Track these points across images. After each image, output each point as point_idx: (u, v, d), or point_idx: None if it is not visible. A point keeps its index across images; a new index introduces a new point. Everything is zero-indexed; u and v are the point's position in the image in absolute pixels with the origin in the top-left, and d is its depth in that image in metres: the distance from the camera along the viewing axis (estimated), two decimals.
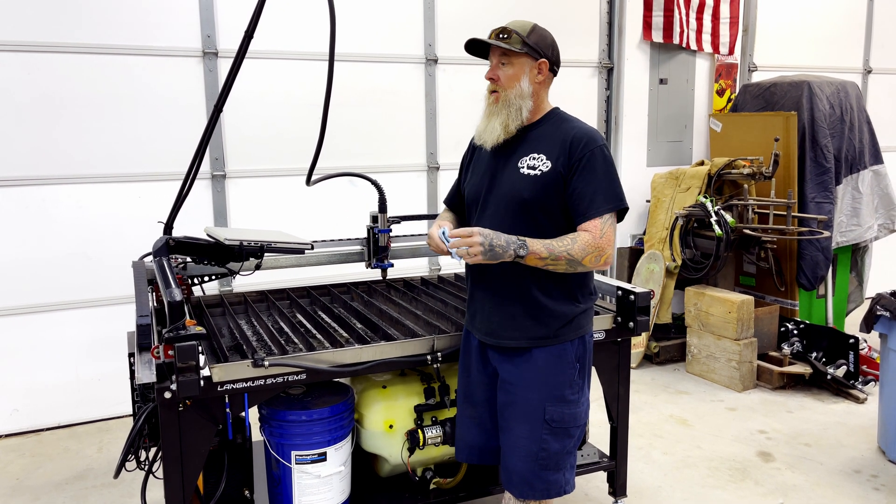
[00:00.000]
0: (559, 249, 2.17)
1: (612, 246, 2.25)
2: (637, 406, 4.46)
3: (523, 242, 2.16)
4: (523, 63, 2.28)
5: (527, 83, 2.29)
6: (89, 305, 4.22)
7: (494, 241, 2.13)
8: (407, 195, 5.02)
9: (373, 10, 4.74)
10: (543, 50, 2.30)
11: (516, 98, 2.28)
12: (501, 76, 2.29)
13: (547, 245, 2.17)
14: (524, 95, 2.29)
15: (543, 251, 2.16)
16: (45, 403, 4.19)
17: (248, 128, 4.49)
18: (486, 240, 2.12)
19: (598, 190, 2.22)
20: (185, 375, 2.15)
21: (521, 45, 2.26)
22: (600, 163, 2.23)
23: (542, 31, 2.33)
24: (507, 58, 2.28)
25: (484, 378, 2.45)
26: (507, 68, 2.29)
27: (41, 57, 3.97)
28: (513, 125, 2.29)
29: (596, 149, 2.23)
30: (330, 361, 2.43)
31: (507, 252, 2.14)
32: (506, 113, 2.29)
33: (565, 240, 2.20)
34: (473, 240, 2.12)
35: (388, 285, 3.43)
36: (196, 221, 4.35)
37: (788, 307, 5.22)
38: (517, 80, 2.28)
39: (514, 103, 2.28)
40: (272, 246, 2.52)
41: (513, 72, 2.28)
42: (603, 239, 2.20)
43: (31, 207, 4.05)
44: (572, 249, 2.18)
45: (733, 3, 5.92)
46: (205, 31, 4.29)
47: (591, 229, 2.21)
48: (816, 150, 5.16)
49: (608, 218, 2.23)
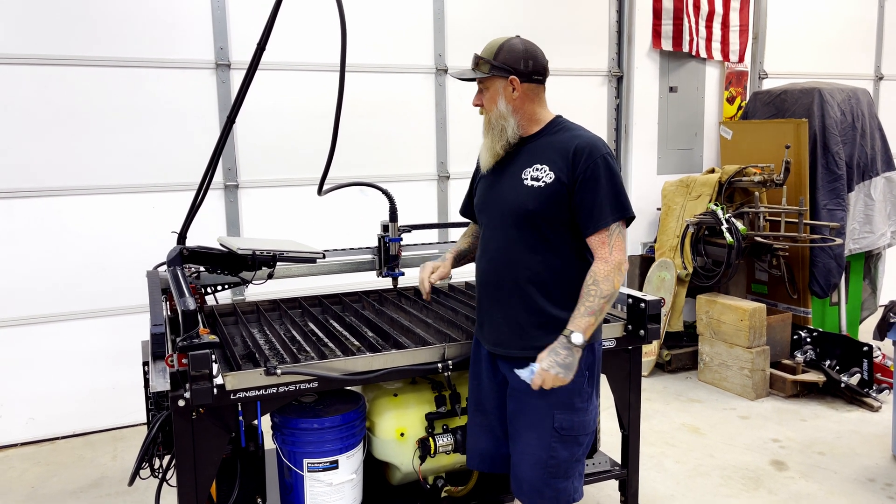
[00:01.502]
0: (596, 304, 2.20)
1: (624, 254, 2.27)
2: (649, 414, 4.45)
3: (570, 333, 2.19)
4: (496, 84, 2.32)
5: (503, 103, 2.32)
6: (104, 315, 4.26)
7: (560, 361, 2.18)
8: (418, 204, 5.04)
9: (383, 21, 4.78)
10: (512, 65, 2.30)
11: (497, 120, 2.34)
12: (483, 101, 2.37)
13: (587, 311, 2.20)
14: (504, 115, 2.33)
15: (590, 319, 2.20)
16: (61, 412, 4.23)
17: (260, 138, 4.54)
18: (556, 368, 2.18)
19: (603, 201, 2.22)
20: (199, 384, 2.17)
21: (490, 68, 2.30)
22: (605, 172, 2.23)
23: (514, 45, 2.31)
24: (483, 83, 2.36)
25: (494, 386, 2.46)
26: (485, 93, 2.36)
27: (58, 70, 4.04)
28: (498, 146, 2.35)
29: (599, 158, 2.23)
30: (342, 370, 2.44)
31: (574, 354, 2.19)
32: (491, 136, 2.36)
33: (590, 289, 2.22)
34: (548, 383, 2.20)
35: (399, 294, 3.45)
36: (209, 231, 4.38)
37: (801, 315, 5.20)
38: (494, 102, 2.34)
39: (496, 125, 2.34)
40: (284, 255, 2.55)
41: (489, 95, 2.35)
42: (613, 255, 2.22)
43: (47, 218, 4.11)
44: (602, 292, 2.20)
45: (743, 11, 5.93)
46: (218, 44, 4.35)
47: (599, 248, 2.23)
48: (828, 157, 5.14)
49: (615, 228, 2.24)
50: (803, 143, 5.05)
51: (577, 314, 2.21)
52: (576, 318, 2.21)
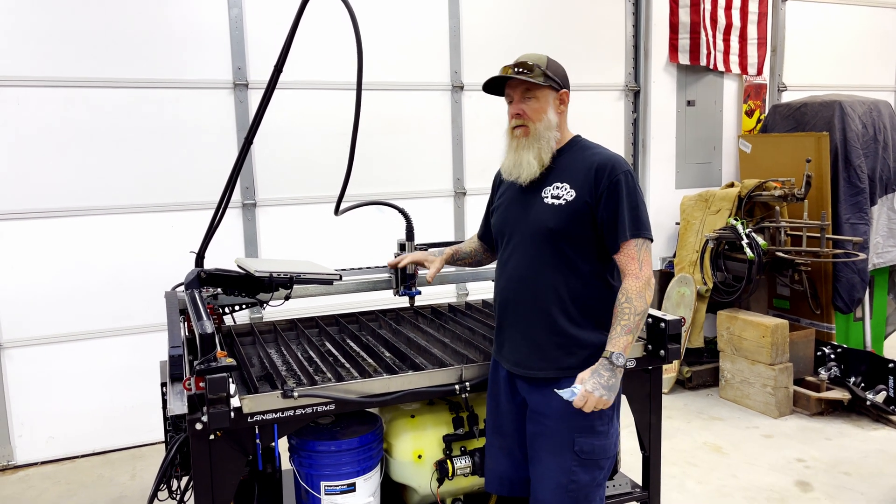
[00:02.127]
0: (632, 322, 2.17)
1: (651, 268, 2.26)
2: (670, 433, 4.38)
3: (611, 354, 2.15)
4: (547, 95, 2.30)
5: (553, 114, 2.31)
6: (123, 333, 4.29)
7: (604, 382, 2.14)
8: (434, 221, 5.04)
9: (399, 39, 4.81)
10: (562, 80, 2.33)
11: (545, 130, 2.30)
12: (527, 110, 2.30)
13: (623, 330, 2.17)
14: (552, 127, 2.31)
15: (629, 338, 2.17)
16: (80, 431, 4.25)
17: (277, 156, 4.56)
18: (600, 390, 2.14)
19: (628, 216, 2.22)
20: (216, 407, 2.16)
21: (544, 77, 2.28)
22: (627, 190, 2.23)
23: (556, 62, 2.35)
24: (532, 91, 2.29)
25: (513, 408, 2.44)
26: (533, 102, 2.30)
27: (79, 92, 4.09)
28: (546, 157, 2.30)
29: (622, 175, 2.23)
30: (359, 392, 2.43)
31: (617, 375, 2.16)
32: (538, 146, 2.29)
33: (623, 308, 2.19)
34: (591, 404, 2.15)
35: (416, 312, 3.43)
36: (227, 250, 4.42)
37: (825, 331, 5.11)
38: (544, 112, 2.29)
39: (545, 136, 2.30)
40: (301, 277, 2.55)
41: (538, 105, 2.29)
42: (643, 271, 2.21)
43: (67, 238, 4.15)
44: (636, 309, 2.18)
45: (761, 24, 5.89)
46: (235, 64, 4.38)
47: (629, 264, 2.21)
48: (850, 171, 5.07)
49: (641, 244, 2.23)
50: (824, 157, 4.99)
51: (613, 334, 2.18)
52: (613, 338, 2.18)
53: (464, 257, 2.88)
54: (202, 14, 4.31)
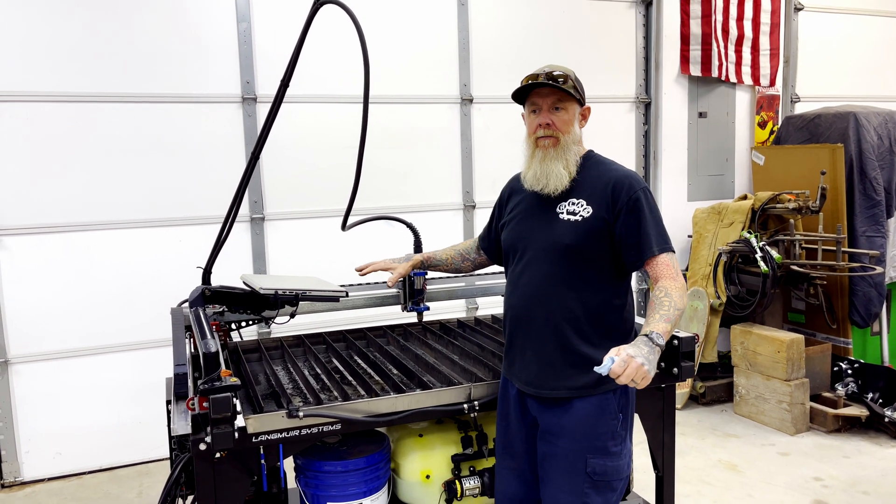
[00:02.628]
0: (671, 313, 2.09)
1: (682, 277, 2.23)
2: (683, 450, 4.30)
3: (651, 332, 2.01)
4: (574, 108, 2.28)
5: (577, 128, 2.29)
6: (131, 349, 4.27)
7: (645, 353, 1.94)
8: (443, 234, 5.00)
9: (408, 52, 4.79)
10: (584, 96, 2.32)
11: (572, 143, 2.27)
12: (556, 121, 2.26)
13: (663, 318, 2.07)
14: (577, 141, 2.30)
15: (668, 326, 2.07)
16: (87, 446, 4.23)
17: (286, 170, 4.55)
18: (640, 357, 1.92)
19: (652, 234, 2.19)
20: (220, 427, 2.12)
21: (574, 90, 2.25)
22: (648, 207, 2.21)
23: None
24: (563, 102, 2.26)
25: (523, 428, 2.38)
26: (563, 113, 2.26)
27: (88, 107, 4.10)
28: (573, 170, 2.26)
29: (640, 192, 2.21)
30: (365, 411, 2.38)
31: (655, 353, 1.98)
32: (565, 158, 2.25)
33: (662, 301, 2.11)
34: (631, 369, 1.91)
35: (425, 328, 3.39)
36: (235, 264, 4.40)
37: (841, 345, 5.02)
38: (571, 124, 2.27)
39: (571, 148, 2.27)
40: (307, 294, 2.51)
41: (567, 117, 2.26)
42: (679, 276, 2.18)
43: (75, 253, 4.14)
44: (675, 304, 2.11)
45: (773, 35, 5.84)
46: (244, 78, 4.38)
47: (665, 270, 2.17)
48: (865, 183, 5.00)
49: (672, 257, 2.21)
50: (839, 169, 4.92)
51: (652, 320, 2.07)
52: (651, 322, 2.06)
53: (438, 263, 2.86)
54: (211, 28, 4.31)
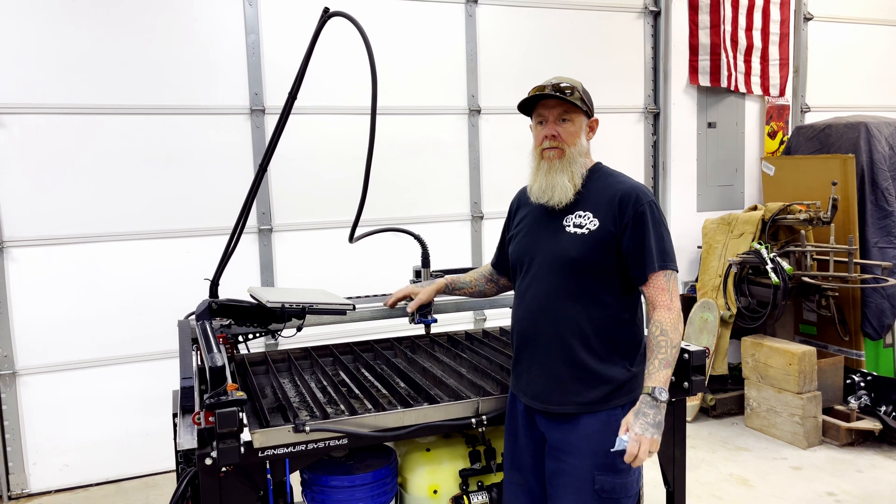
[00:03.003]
0: (670, 355, 2.10)
1: (679, 300, 2.20)
2: (694, 464, 4.26)
3: (653, 389, 2.06)
4: (581, 120, 2.26)
5: (584, 141, 2.27)
6: (138, 360, 4.27)
7: (651, 421, 2.04)
8: (451, 245, 4.99)
9: (416, 64, 4.80)
10: (592, 107, 2.29)
11: (578, 155, 2.25)
12: (562, 133, 2.23)
13: (662, 364, 2.09)
14: (584, 153, 2.27)
15: (668, 371, 2.09)
16: (94, 458, 4.22)
17: (294, 182, 4.55)
18: (650, 430, 2.03)
19: (654, 249, 2.16)
20: (226, 442, 2.11)
21: (581, 101, 2.23)
22: (653, 220, 2.17)
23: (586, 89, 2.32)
24: (569, 114, 2.23)
25: (531, 443, 2.35)
26: (569, 125, 2.24)
27: (98, 119, 4.12)
28: (579, 182, 2.23)
29: (647, 204, 2.18)
30: (372, 426, 2.36)
31: (661, 411, 2.06)
32: (570, 171, 2.23)
33: (659, 341, 2.11)
34: (645, 448, 2.03)
35: (432, 340, 3.36)
36: (243, 276, 4.40)
37: (854, 357, 4.96)
38: (577, 136, 2.25)
39: (577, 160, 2.24)
40: (314, 308, 2.50)
41: (574, 129, 2.24)
42: (674, 302, 2.16)
43: (83, 264, 4.15)
44: (672, 342, 2.11)
45: (783, 45, 5.81)
46: (252, 89, 4.39)
47: (660, 295, 2.15)
48: (877, 194, 4.96)
49: (670, 275, 2.17)
50: (850, 179, 4.88)
51: (652, 368, 2.10)
52: (652, 373, 2.09)
53: (462, 287, 2.80)
54: (219, 40, 4.33)
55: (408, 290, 2.83)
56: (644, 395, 2.08)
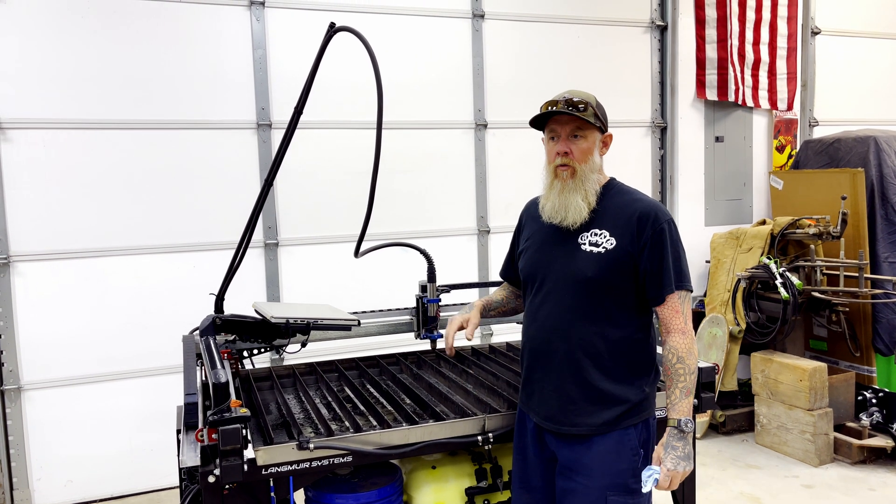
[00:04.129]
0: (689, 382, 2.11)
1: (691, 321, 2.18)
2: (704, 482, 4.19)
3: (679, 422, 2.08)
4: (595, 136, 2.21)
5: (597, 157, 2.23)
6: (144, 375, 4.25)
7: (681, 454, 2.08)
8: (458, 259, 4.97)
9: (422, 78, 4.80)
10: (605, 122, 2.25)
11: (591, 172, 2.19)
12: (574, 150, 2.18)
13: (683, 393, 2.11)
14: (596, 169, 2.22)
15: (689, 399, 2.11)
16: (99, 474, 4.20)
17: (300, 196, 4.55)
18: (682, 464, 2.08)
19: (671, 268, 2.13)
20: (229, 459, 2.09)
21: (594, 117, 2.18)
22: (672, 240, 2.15)
23: (601, 103, 2.27)
24: (582, 130, 2.18)
25: (541, 462, 2.32)
26: (581, 141, 2.18)
27: (104, 134, 4.13)
28: (593, 200, 2.18)
29: (665, 224, 2.14)
30: (377, 443, 2.34)
31: (689, 441, 2.10)
32: (584, 189, 2.18)
33: (678, 369, 2.12)
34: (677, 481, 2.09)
35: (438, 356, 3.33)
36: (248, 291, 4.39)
37: (865, 374, 4.90)
38: (590, 153, 2.19)
39: (590, 178, 2.19)
40: (318, 323, 2.48)
41: (586, 145, 2.19)
42: (688, 325, 2.14)
43: (90, 279, 4.15)
44: (689, 368, 2.11)
45: (790, 59, 5.80)
46: (259, 104, 4.40)
47: (674, 318, 2.13)
48: (887, 208, 4.91)
49: (685, 296, 2.15)
50: (860, 194, 4.84)
51: (674, 398, 2.10)
52: (675, 403, 2.10)
53: (496, 307, 2.69)
54: (226, 55, 4.34)
55: (457, 322, 2.58)
56: (670, 427, 2.09)
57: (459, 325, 2.55)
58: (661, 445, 2.10)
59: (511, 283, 2.68)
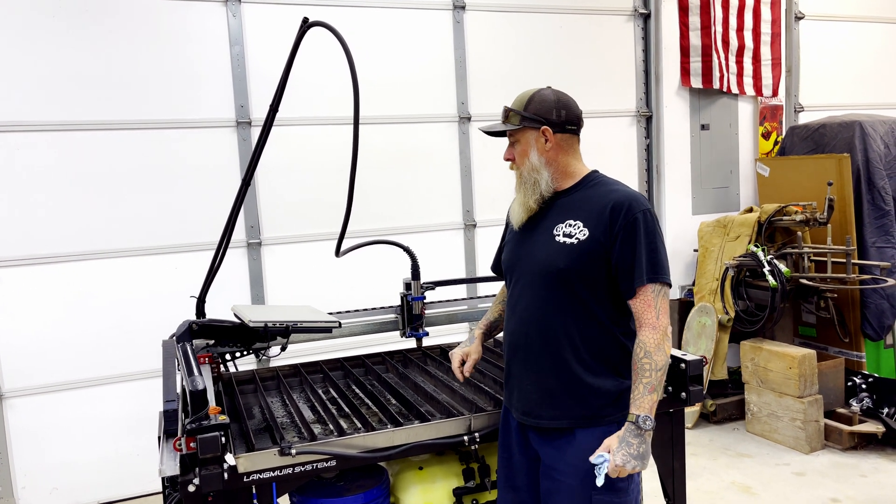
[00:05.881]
0: (654, 378, 2.02)
1: (668, 317, 2.11)
2: (695, 472, 4.18)
3: (637, 417, 2.00)
4: (528, 136, 2.21)
5: (535, 155, 2.20)
6: (127, 380, 4.19)
7: (634, 452, 1.98)
8: (445, 254, 4.92)
9: (404, 71, 4.73)
10: (544, 115, 2.19)
11: (529, 173, 2.22)
12: (515, 154, 2.26)
13: (647, 389, 2.01)
14: (537, 168, 2.21)
15: (653, 396, 2.02)
16: (84, 481, 4.14)
17: (282, 194, 4.48)
18: (632, 462, 1.98)
19: (645, 259, 2.07)
20: (209, 468, 2.05)
21: (520, 119, 2.20)
22: (646, 229, 2.09)
23: (545, 95, 2.22)
24: (514, 135, 2.24)
25: (525, 461, 2.28)
26: (517, 145, 2.25)
27: (79, 135, 4.05)
28: (532, 201, 2.22)
29: (639, 213, 2.09)
30: (361, 446, 2.30)
31: (646, 439, 2.00)
32: (523, 190, 2.24)
33: (643, 364, 2.03)
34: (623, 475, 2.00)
35: (425, 354, 3.30)
36: (232, 292, 4.34)
37: (854, 359, 4.90)
38: (526, 155, 2.22)
39: (529, 179, 2.22)
40: (298, 326, 2.43)
41: (521, 148, 2.23)
42: (660, 320, 2.06)
43: (70, 283, 4.08)
44: (657, 364, 2.03)
45: (774, 45, 5.76)
46: (238, 102, 4.33)
47: (645, 312, 2.06)
48: (873, 193, 4.90)
49: (659, 290, 2.08)
50: (846, 179, 4.82)
51: (637, 394, 2.03)
52: (637, 399, 2.02)
53: (498, 324, 2.61)
54: (204, 52, 4.26)
55: (458, 358, 2.54)
56: (628, 422, 2.02)
57: (460, 359, 2.53)
58: (617, 437, 2.02)
59: (499, 274, 2.64)
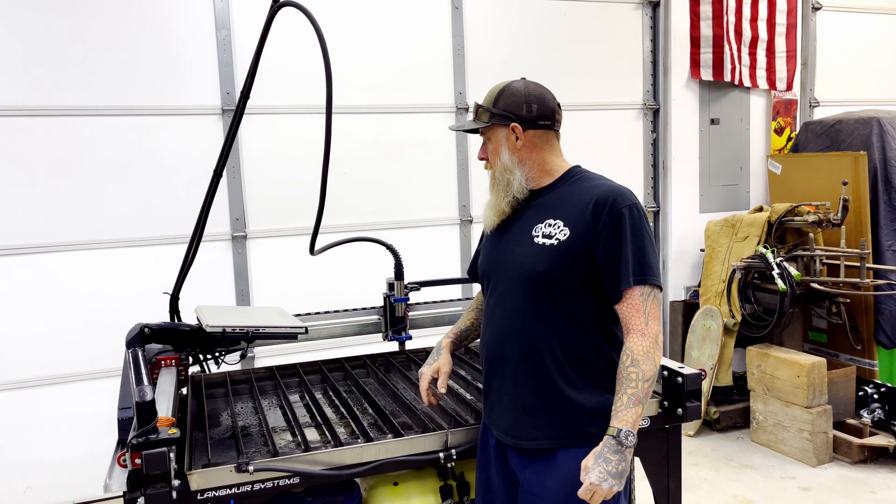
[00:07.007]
0: (640, 389, 1.81)
1: (660, 324, 1.91)
2: (695, 484, 3.99)
3: (619, 432, 1.78)
4: (498, 134, 2.05)
5: (507, 154, 2.03)
6: (105, 376, 4.04)
7: (612, 469, 1.76)
8: (439, 249, 4.74)
9: (400, 60, 4.53)
10: (513, 111, 2.01)
11: (501, 174, 2.06)
12: (487, 154, 2.11)
13: (631, 400, 1.81)
14: (509, 167, 2.04)
15: (637, 409, 1.81)
16: (60, 479, 4.00)
17: (269, 186, 4.31)
18: (608, 481, 1.76)
19: (631, 260, 1.87)
20: (155, 487, 1.88)
21: (489, 116, 2.03)
22: (632, 226, 1.89)
23: (516, 88, 2.04)
24: (485, 133, 2.09)
25: (504, 483, 2.10)
26: (488, 143, 2.10)
27: (57, 121, 3.88)
28: (503, 203, 2.06)
29: (625, 208, 1.89)
30: (327, 463, 2.12)
31: (626, 456, 1.79)
32: (495, 192, 2.08)
33: (630, 373, 1.83)
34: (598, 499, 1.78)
35: (409, 358, 3.12)
36: (216, 285, 4.19)
37: (866, 368, 4.68)
38: (497, 154, 2.06)
39: (501, 179, 2.06)
40: (259, 332, 2.25)
41: (492, 146, 2.08)
42: (649, 326, 1.86)
43: (45, 276, 3.92)
44: (644, 374, 1.82)
45: (790, 36, 5.52)
46: (224, 88, 4.15)
47: (634, 318, 1.86)
48: (890, 193, 4.67)
49: (648, 293, 1.87)
50: (862, 178, 4.59)
51: (620, 406, 1.82)
52: (619, 411, 1.81)
53: (468, 334, 2.41)
54: (188, 37, 4.08)
55: (427, 377, 2.28)
56: (608, 436, 1.81)
57: (430, 378, 2.27)
58: (594, 453, 1.80)
59: (476, 280, 2.46)
